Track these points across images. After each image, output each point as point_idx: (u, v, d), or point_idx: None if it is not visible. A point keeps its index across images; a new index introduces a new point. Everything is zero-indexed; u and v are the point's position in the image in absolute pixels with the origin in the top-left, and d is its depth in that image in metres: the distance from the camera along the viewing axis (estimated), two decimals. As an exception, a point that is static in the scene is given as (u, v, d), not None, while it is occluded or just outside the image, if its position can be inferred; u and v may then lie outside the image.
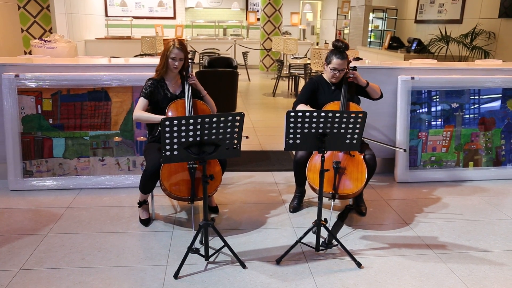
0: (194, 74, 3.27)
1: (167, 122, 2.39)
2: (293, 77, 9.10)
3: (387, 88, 4.18)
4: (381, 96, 3.45)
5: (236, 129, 2.55)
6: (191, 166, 2.95)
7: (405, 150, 3.77)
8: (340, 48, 3.24)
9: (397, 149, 3.62)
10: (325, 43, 13.22)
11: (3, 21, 7.41)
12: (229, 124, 2.51)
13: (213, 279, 2.60)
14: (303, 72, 8.77)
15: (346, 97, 3.27)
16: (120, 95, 3.86)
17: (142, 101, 3.18)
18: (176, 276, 2.60)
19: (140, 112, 3.15)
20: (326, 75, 3.38)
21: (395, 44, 9.82)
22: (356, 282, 2.60)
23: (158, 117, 3.09)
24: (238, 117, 2.51)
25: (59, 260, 2.75)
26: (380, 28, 11.60)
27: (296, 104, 3.35)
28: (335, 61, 3.23)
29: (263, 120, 6.77)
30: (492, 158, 4.36)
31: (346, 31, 13.35)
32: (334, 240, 2.94)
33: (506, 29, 7.28)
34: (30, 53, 7.80)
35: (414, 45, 8.79)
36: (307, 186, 3.48)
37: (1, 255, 2.79)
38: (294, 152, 3.76)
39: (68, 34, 9.80)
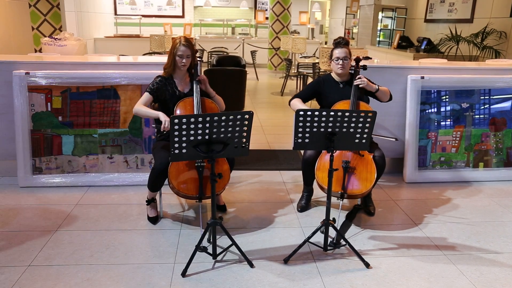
0: (203, 76, 3.24)
1: (176, 120, 2.39)
2: (302, 76, 9.07)
3: (396, 88, 4.15)
4: (391, 99, 3.44)
5: (245, 128, 2.55)
6: (199, 164, 2.95)
7: (396, 139, 3.68)
8: (340, 43, 3.31)
9: (387, 139, 3.54)
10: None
11: (14, 19, 7.46)
12: (238, 122, 2.50)
13: (220, 277, 2.59)
14: (311, 71, 8.74)
15: (356, 95, 3.26)
16: (129, 93, 3.87)
17: (145, 96, 3.17)
18: (183, 274, 2.60)
19: (140, 106, 3.13)
20: (334, 72, 3.39)
21: (405, 44, 9.75)
22: (364, 282, 2.58)
23: (156, 113, 3.07)
24: (247, 116, 2.50)
25: (68, 257, 2.77)
26: (389, 27, 11.53)
27: (292, 97, 3.39)
28: (336, 51, 3.30)
29: (271, 119, 6.76)
30: (503, 159, 4.31)
31: (355, 30, 13.29)
32: (342, 240, 2.92)
33: (517, 28, 7.20)
34: (40, 51, 7.86)
35: (424, 44, 8.73)
36: (315, 186, 3.47)
37: (11, 251, 2.82)
38: (302, 151, 3.74)
39: (77, 32, 9.86)
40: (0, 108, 3.89)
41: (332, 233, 3.06)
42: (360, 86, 3.25)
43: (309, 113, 2.57)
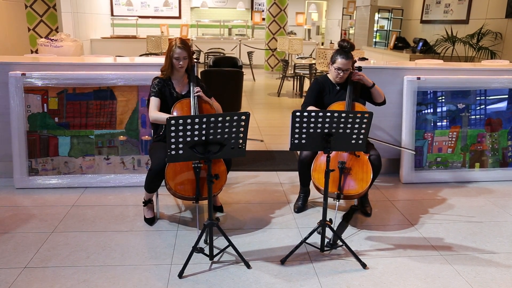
0: (199, 89, 3.19)
1: (173, 121, 2.39)
2: (298, 77, 9.09)
3: (392, 89, 4.16)
4: (384, 102, 3.44)
5: (242, 129, 2.55)
6: (196, 165, 2.95)
7: (416, 152, 3.64)
8: (345, 48, 3.23)
9: (406, 151, 3.51)
10: (330, 43, 13.20)
11: (10, 20, 7.44)
12: (234, 123, 2.50)
13: (217, 278, 2.59)
14: (308, 72, 8.75)
15: (352, 97, 3.26)
16: (126, 94, 3.86)
17: (154, 101, 3.16)
18: (180, 275, 2.60)
19: (157, 113, 3.12)
20: (331, 75, 3.37)
21: (401, 45, 9.78)
22: (361, 283, 2.58)
23: (163, 118, 3.06)
24: (243, 117, 2.50)
25: (64, 258, 2.76)
26: (385, 28, 11.56)
27: (304, 106, 3.33)
28: (339, 60, 3.22)
29: (268, 120, 6.77)
30: (499, 159, 4.33)
31: (351, 31, 13.32)
32: (339, 241, 2.92)
33: (513, 29, 7.23)
34: (36, 52, 7.83)
35: (420, 45, 8.75)
36: (311, 186, 3.47)
37: (7, 253, 2.80)
38: (299, 152, 3.75)
39: (74, 33, 9.84)
40: (-4, 109, 3.88)
41: (328, 233, 3.06)
42: (354, 79, 3.25)
43: (305, 114, 2.57)
